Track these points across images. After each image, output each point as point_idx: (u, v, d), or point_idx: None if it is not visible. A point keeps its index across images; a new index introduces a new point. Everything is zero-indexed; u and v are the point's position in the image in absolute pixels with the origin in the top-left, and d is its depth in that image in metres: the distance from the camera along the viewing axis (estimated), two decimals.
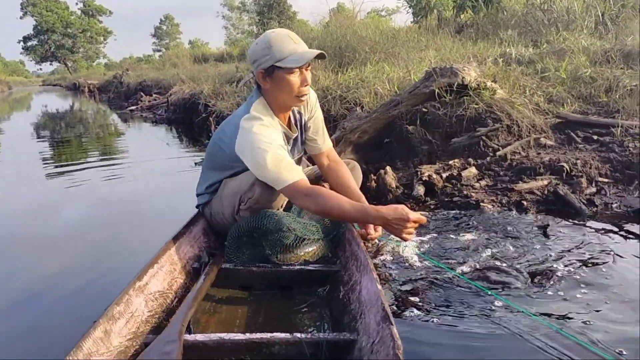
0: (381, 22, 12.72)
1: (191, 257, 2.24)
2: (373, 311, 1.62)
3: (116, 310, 1.57)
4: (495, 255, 2.43)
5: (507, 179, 3.47)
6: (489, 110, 4.02)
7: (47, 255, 2.98)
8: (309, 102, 2.53)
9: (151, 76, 19.19)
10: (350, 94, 5.07)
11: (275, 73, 2.18)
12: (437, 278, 2.24)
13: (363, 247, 2.13)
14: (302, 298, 2.11)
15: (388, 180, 3.55)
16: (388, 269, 2.36)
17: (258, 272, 2.16)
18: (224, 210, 2.40)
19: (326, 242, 2.35)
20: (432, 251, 2.54)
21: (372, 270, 1.85)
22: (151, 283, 1.85)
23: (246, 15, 45.91)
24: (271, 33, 2.20)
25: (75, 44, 71.51)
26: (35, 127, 12.70)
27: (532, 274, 2.21)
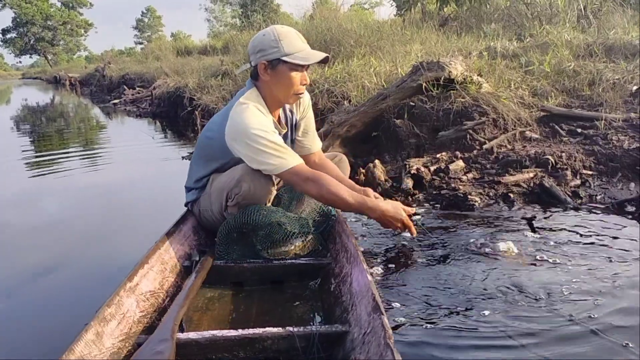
0: (365, 15, 12.75)
1: (182, 256, 2.22)
2: (364, 302, 1.64)
3: (107, 312, 1.56)
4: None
5: (493, 171, 3.53)
6: (475, 104, 4.07)
7: (31, 255, 2.93)
8: (302, 103, 2.55)
9: (134, 69, 19.01)
10: (338, 88, 5.10)
11: (279, 67, 2.19)
12: (427, 265, 2.29)
13: (353, 239, 2.14)
14: (293, 292, 2.12)
15: (377, 173, 3.59)
16: (378, 258, 2.42)
17: (249, 268, 2.15)
18: (212, 208, 2.39)
19: (316, 235, 2.35)
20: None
21: (362, 262, 1.87)
22: (142, 283, 1.84)
23: (229, 7, 45.64)
24: (281, 28, 2.23)
25: (56, 36, 70.49)
26: (15, 121, 12.55)
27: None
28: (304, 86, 2.31)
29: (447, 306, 1.93)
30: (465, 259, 2.38)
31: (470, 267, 2.28)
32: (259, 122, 2.16)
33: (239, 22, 30.60)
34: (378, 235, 2.78)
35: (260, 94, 2.31)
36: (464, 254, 2.43)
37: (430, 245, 2.58)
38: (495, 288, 2.05)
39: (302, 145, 2.60)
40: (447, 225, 2.88)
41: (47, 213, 3.82)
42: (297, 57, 2.16)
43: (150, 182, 4.72)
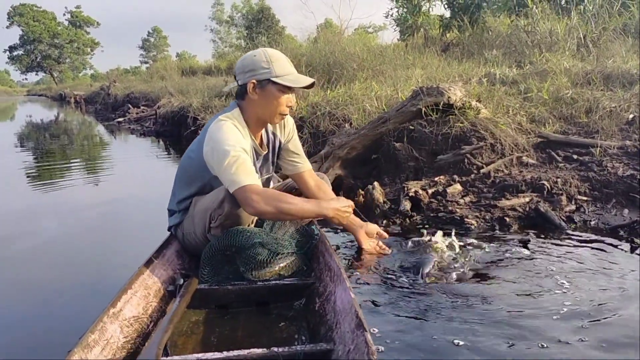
0: (368, 39, 12.91)
1: (165, 280, 2.21)
2: (348, 320, 1.67)
3: (91, 339, 1.55)
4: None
5: (490, 195, 3.58)
6: (473, 129, 4.14)
7: (12, 278, 2.91)
8: (287, 126, 2.63)
9: (139, 88, 19.23)
10: (339, 111, 5.18)
11: (268, 87, 2.27)
12: (408, 283, 2.35)
13: (336, 258, 2.18)
14: (279, 312, 2.14)
15: (376, 195, 3.65)
16: (361, 276, 2.47)
17: (233, 290, 2.15)
18: (196, 230, 2.38)
19: (300, 256, 2.37)
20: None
21: (345, 280, 1.90)
22: (125, 309, 1.83)
23: (234, 29, 46.15)
24: (272, 51, 2.32)
25: (62, 54, 71.28)
26: (19, 137, 12.66)
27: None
28: (289, 108, 2.38)
29: (428, 323, 1.98)
30: (446, 278, 2.43)
31: (452, 287, 2.33)
32: (233, 138, 2.20)
33: (243, 44, 30.99)
34: (358, 254, 2.84)
35: (244, 113, 2.37)
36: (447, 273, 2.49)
37: (413, 264, 2.62)
38: (476, 309, 2.09)
39: (295, 164, 2.66)
40: None
41: (35, 232, 3.80)
42: (286, 80, 2.27)
43: (147, 202, 4.71)
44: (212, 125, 2.28)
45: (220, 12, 49.23)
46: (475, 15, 10.31)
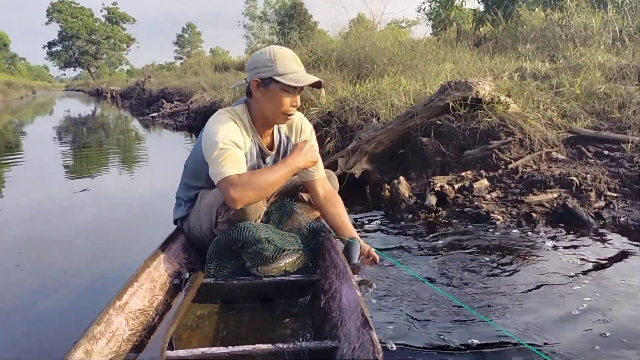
0: (400, 34, 12.85)
1: (171, 274, 2.21)
2: (353, 318, 1.65)
3: (97, 330, 1.54)
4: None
5: (517, 191, 3.55)
6: (502, 124, 4.10)
7: (23, 268, 2.93)
8: (304, 132, 2.57)
9: (173, 84, 19.52)
10: (367, 105, 5.19)
11: (271, 86, 2.23)
12: (414, 284, 2.32)
13: (342, 255, 2.16)
14: (284, 309, 2.13)
15: (401, 190, 3.66)
16: (367, 275, 2.42)
17: (239, 285, 2.14)
18: (202, 224, 2.38)
19: (306, 252, 2.35)
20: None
21: (351, 278, 1.88)
22: (131, 301, 1.82)
23: (267, 25, 46.35)
24: (278, 48, 2.28)
25: (99, 50, 72.76)
26: (57, 131, 13.00)
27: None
28: (294, 108, 2.32)
29: (435, 322, 1.96)
30: (460, 275, 2.43)
31: (464, 283, 2.32)
32: (225, 131, 2.20)
33: (276, 39, 31.12)
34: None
35: (250, 111, 2.36)
36: (457, 271, 2.49)
37: (421, 261, 2.65)
38: (487, 307, 2.08)
39: (306, 172, 2.54)
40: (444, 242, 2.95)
41: (59, 221, 3.94)
42: (288, 78, 2.20)
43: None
44: (211, 118, 2.31)
45: (253, 7, 49.48)
46: (509, 8, 10.15)
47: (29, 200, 4.72)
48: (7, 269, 2.93)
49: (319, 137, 5.20)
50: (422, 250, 2.82)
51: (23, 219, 4.07)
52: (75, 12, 70.05)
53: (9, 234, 3.67)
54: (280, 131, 2.51)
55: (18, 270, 2.90)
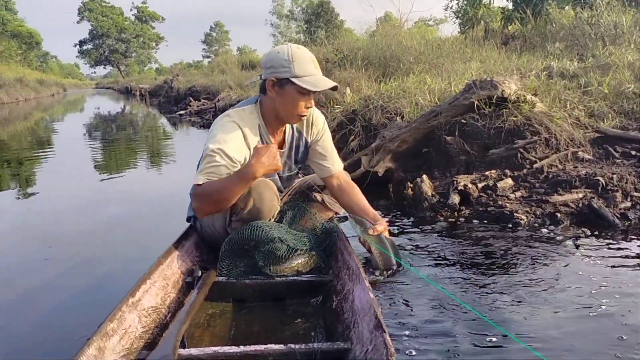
0: (428, 32, 12.79)
1: (184, 272, 2.20)
2: (366, 320, 1.63)
3: (109, 327, 1.54)
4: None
5: (542, 191, 3.52)
6: (527, 123, 4.07)
7: (38, 263, 2.92)
8: (316, 125, 2.53)
9: (200, 82, 19.72)
10: (392, 104, 5.19)
11: (287, 87, 2.20)
12: (429, 286, 2.29)
13: (354, 256, 2.14)
14: (295, 309, 2.11)
15: (424, 188, 3.65)
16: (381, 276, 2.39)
17: (251, 285, 2.13)
18: (215, 223, 2.37)
19: (318, 252, 2.32)
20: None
21: (364, 279, 1.85)
22: (144, 299, 1.82)
23: (294, 23, 46.44)
24: (296, 48, 2.24)
25: (129, 48, 73.91)
26: (87, 128, 13.26)
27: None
28: (308, 109, 2.30)
29: (450, 326, 1.92)
30: (476, 279, 2.41)
31: (479, 287, 2.29)
32: (221, 138, 2.19)
33: (302, 38, 31.19)
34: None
35: (262, 108, 2.35)
36: (476, 274, 2.46)
37: (440, 262, 2.63)
38: (503, 311, 2.05)
39: (322, 167, 2.56)
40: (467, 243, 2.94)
41: (78, 218, 3.99)
42: (305, 82, 2.17)
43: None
44: (216, 119, 2.34)
45: (280, 6, 49.67)
46: (538, 7, 10.02)
47: (56, 195, 4.85)
48: (23, 263, 2.97)
49: (343, 135, 5.24)
50: (442, 250, 2.81)
51: (49, 213, 4.18)
52: (105, 10, 71.25)
53: (32, 228, 3.76)
54: (292, 126, 2.48)
55: (38, 264, 2.92)
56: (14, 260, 3.04)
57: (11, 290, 2.55)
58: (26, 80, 32.53)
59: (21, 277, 2.72)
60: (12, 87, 28.16)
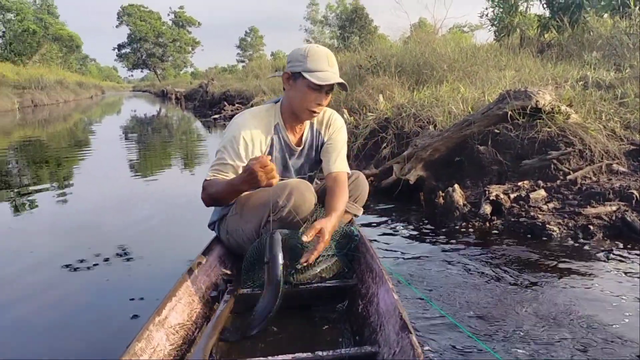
0: (462, 39, 12.71)
1: (209, 286, 2.21)
2: (392, 322, 1.64)
3: (138, 347, 1.54)
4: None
5: (575, 202, 3.50)
6: (561, 134, 4.05)
7: (61, 278, 2.85)
8: (333, 126, 2.54)
9: (234, 86, 19.96)
10: (424, 112, 5.20)
11: (299, 80, 2.26)
12: (461, 284, 2.35)
13: (377, 258, 2.14)
14: (321, 315, 2.13)
15: (455, 197, 3.66)
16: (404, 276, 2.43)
17: None
18: (245, 227, 2.36)
19: (341, 257, 2.30)
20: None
21: (387, 281, 1.87)
22: (171, 316, 1.82)
23: (328, 29, 46.53)
24: (314, 46, 2.31)
25: (165, 52, 75.13)
26: (124, 130, 13.56)
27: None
28: (319, 106, 2.31)
29: (479, 328, 1.96)
30: (505, 284, 2.44)
31: (507, 293, 2.32)
32: (235, 133, 2.29)
33: (336, 43, 31.26)
34: (405, 256, 2.89)
35: (282, 106, 2.42)
36: (504, 280, 2.49)
37: (462, 274, 2.64)
38: (534, 320, 2.06)
39: (325, 164, 2.52)
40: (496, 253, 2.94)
41: (108, 219, 4.09)
42: (314, 76, 2.21)
43: None
44: (237, 114, 2.43)
45: (315, 12, 49.85)
46: (576, 15, 9.88)
47: (90, 196, 5.04)
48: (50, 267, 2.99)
49: (375, 142, 5.28)
50: (470, 261, 2.84)
51: (82, 214, 4.32)
52: (144, 15, 72.64)
53: (63, 230, 3.88)
54: (312, 127, 2.52)
55: (67, 270, 2.91)
56: (30, 267, 3.04)
57: (33, 306, 2.51)
58: (66, 82, 33.37)
59: (42, 289, 2.71)
60: (53, 89, 28.90)
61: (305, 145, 2.51)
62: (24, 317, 2.37)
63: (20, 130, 13.43)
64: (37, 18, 39.28)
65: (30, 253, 3.27)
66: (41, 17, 41.06)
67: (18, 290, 2.69)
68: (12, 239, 3.66)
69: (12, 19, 35.19)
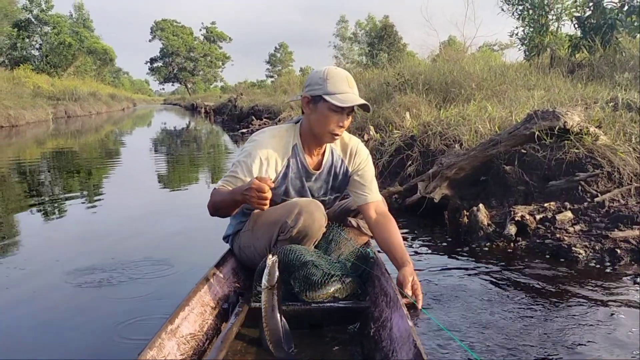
0: (492, 57, 12.65)
1: (221, 298, 2.21)
2: (405, 349, 1.59)
3: (149, 355, 1.54)
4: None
5: (602, 225, 3.44)
6: (589, 156, 3.99)
7: (72, 286, 2.85)
8: (359, 156, 2.55)
9: (263, 101, 20.16)
10: (451, 131, 5.19)
11: (320, 104, 2.26)
12: (476, 312, 2.30)
13: (392, 282, 2.11)
14: (333, 335, 2.09)
15: (480, 217, 3.64)
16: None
17: (287, 311, 2.05)
18: (256, 244, 2.38)
19: (354, 278, 2.28)
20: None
21: (402, 306, 1.82)
22: (182, 326, 1.82)
23: (357, 45, 46.80)
24: (334, 69, 2.32)
25: (196, 67, 76.52)
26: (154, 142, 13.79)
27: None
28: (341, 129, 2.32)
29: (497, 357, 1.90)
30: (528, 309, 2.39)
31: (530, 320, 2.26)
32: (252, 150, 2.31)
33: (364, 60, 31.40)
34: (426, 276, 2.87)
35: (301, 128, 2.42)
36: (527, 305, 2.43)
37: (480, 294, 2.60)
38: (558, 348, 2.01)
39: (359, 195, 2.55)
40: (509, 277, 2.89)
41: (133, 229, 4.17)
42: (335, 98, 2.21)
43: None
44: (253, 134, 2.45)
45: (344, 29, 50.23)
46: (607, 35, 9.77)
47: (117, 206, 5.14)
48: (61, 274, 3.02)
49: (400, 160, 5.27)
50: (491, 285, 2.79)
51: (109, 223, 4.42)
52: (176, 30, 74.20)
53: (88, 238, 3.96)
54: (333, 152, 2.52)
55: (70, 284, 2.89)
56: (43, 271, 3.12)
57: (44, 313, 2.54)
58: (99, 94, 34.12)
59: (60, 294, 2.76)
60: (86, 101, 29.56)
61: (324, 170, 2.51)
62: (32, 318, 2.46)
63: (54, 140, 13.77)
64: (72, 31, 40.33)
65: (52, 257, 3.37)
66: (77, 30, 42.16)
67: (26, 293, 2.77)
68: (38, 245, 3.76)
69: (49, 32, 36.19)
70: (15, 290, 2.84)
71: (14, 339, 2.25)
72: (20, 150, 10.90)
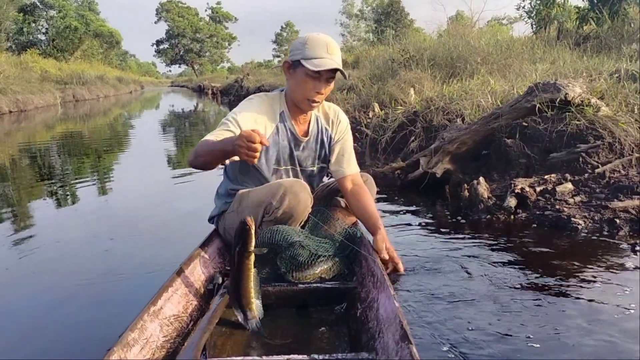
0: (500, 32, 12.52)
1: (206, 279, 2.18)
2: (391, 330, 1.58)
3: (131, 337, 1.52)
4: None
5: (602, 196, 3.46)
6: (591, 127, 3.99)
7: (58, 269, 2.86)
8: (341, 124, 2.56)
9: (269, 81, 20.11)
10: (453, 106, 5.19)
11: (298, 69, 2.24)
12: (458, 294, 2.28)
13: (379, 263, 2.09)
14: (319, 316, 2.06)
15: (480, 190, 3.66)
16: (405, 284, 2.36)
17: (274, 292, 2.07)
18: None
19: (341, 259, 2.27)
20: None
21: (389, 287, 1.80)
22: (166, 307, 1.79)
23: (363, 22, 46.36)
24: (315, 34, 2.28)
25: (203, 48, 76.16)
26: (162, 124, 13.85)
27: None
28: (319, 95, 2.28)
29: (481, 339, 1.88)
30: (526, 281, 2.41)
31: (513, 302, 2.22)
32: (241, 111, 2.29)
33: (372, 37, 31.15)
34: (425, 249, 2.89)
35: (286, 95, 2.42)
36: (510, 287, 2.39)
37: (467, 274, 2.56)
38: (539, 329, 1.98)
39: (337, 168, 2.56)
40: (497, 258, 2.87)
41: (136, 211, 4.18)
42: (310, 63, 2.18)
43: None
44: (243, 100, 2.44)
45: (350, 6, 49.67)
46: (616, 6, 9.64)
47: (124, 189, 5.18)
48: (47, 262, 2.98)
49: (403, 136, 5.29)
50: (491, 254, 2.83)
51: (117, 206, 4.46)
52: (182, 11, 73.77)
53: (94, 221, 4.01)
54: (318, 121, 2.51)
55: (55, 269, 2.88)
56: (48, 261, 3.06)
57: (26, 295, 2.54)
58: (106, 77, 34.10)
59: (36, 281, 2.72)
60: (94, 85, 29.57)
61: (311, 138, 2.50)
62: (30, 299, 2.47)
63: (62, 124, 13.85)
64: (78, 15, 40.19)
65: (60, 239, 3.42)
66: (82, 13, 42.00)
67: (26, 276, 2.79)
68: (40, 228, 3.81)
69: (54, 16, 36.11)
70: (22, 272, 2.87)
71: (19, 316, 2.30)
72: (29, 134, 10.97)
